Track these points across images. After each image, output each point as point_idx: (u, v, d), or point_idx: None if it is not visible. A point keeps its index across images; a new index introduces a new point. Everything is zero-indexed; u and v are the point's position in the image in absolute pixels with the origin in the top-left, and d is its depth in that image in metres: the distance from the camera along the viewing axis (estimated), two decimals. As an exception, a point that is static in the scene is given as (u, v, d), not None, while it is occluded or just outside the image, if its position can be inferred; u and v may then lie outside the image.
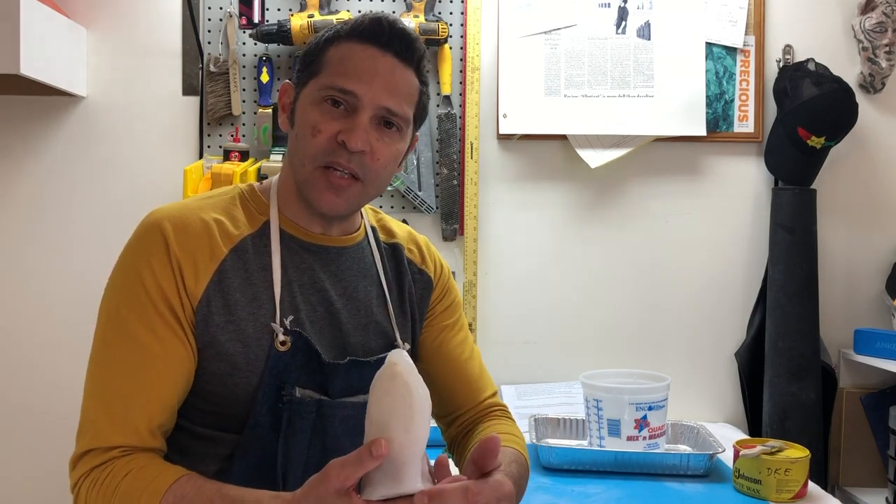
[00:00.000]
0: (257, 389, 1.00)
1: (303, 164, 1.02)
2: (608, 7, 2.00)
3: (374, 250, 1.15)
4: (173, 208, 1.02)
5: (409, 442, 0.82)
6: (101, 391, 0.96)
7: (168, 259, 0.97)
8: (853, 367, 2.04)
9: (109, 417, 0.94)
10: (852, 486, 2.01)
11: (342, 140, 0.99)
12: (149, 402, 0.95)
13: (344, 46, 1.02)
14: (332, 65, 1.02)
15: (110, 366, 0.96)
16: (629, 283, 2.06)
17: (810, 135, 1.92)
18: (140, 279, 0.97)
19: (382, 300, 1.13)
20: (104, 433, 0.94)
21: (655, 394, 1.60)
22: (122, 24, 2.00)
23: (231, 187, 1.10)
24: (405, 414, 0.83)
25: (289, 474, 1.02)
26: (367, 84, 1.00)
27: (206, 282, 0.98)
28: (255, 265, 1.03)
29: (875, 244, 2.06)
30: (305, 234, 1.08)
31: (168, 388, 0.97)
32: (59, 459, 1.94)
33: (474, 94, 2.00)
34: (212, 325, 0.98)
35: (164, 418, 0.98)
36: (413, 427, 0.83)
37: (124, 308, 0.97)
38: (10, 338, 1.99)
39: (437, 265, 1.23)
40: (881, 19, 2.00)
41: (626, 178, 2.06)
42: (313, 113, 1.01)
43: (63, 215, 2.00)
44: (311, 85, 1.03)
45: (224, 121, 2.00)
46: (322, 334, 1.05)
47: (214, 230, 1.01)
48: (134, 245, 1.00)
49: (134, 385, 0.95)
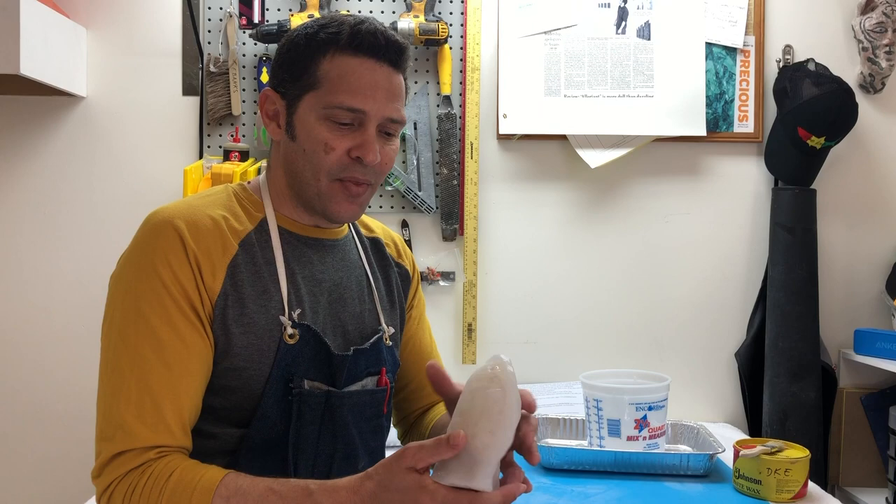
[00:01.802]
0: (266, 382, 1.01)
1: (317, 179, 1.04)
2: (608, 7, 2.00)
3: (357, 243, 1.20)
4: (179, 206, 1.03)
5: (492, 443, 0.86)
6: (126, 391, 0.94)
7: (186, 256, 0.98)
8: (853, 367, 2.04)
9: (141, 418, 0.93)
10: (852, 486, 2.02)
11: (356, 156, 1.03)
12: (178, 399, 0.95)
13: (340, 60, 1.03)
14: (331, 81, 1.03)
15: (133, 363, 0.95)
16: (629, 283, 2.06)
17: (810, 135, 1.92)
18: (159, 277, 0.96)
19: (370, 289, 1.18)
20: (137, 434, 0.93)
21: (655, 394, 1.60)
22: (122, 24, 2.00)
23: (222, 187, 1.12)
24: (495, 417, 0.86)
25: (300, 464, 1.04)
26: (372, 99, 1.03)
27: (222, 277, 1.00)
28: (261, 260, 1.05)
29: (875, 244, 2.06)
30: (301, 229, 1.11)
31: (194, 384, 0.97)
32: (58, 459, 1.95)
33: (474, 94, 2.00)
34: (228, 320, 1.00)
35: (192, 415, 0.98)
36: (499, 431, 0.86)
37: (144, 306, 0.96)
38: (10, 337, 1.99)
39: (411, 262, 1.30)
40: (881, 19, 2.00)
41: (626, 178, 2.06)
42: (321, 130, 1.03)
43: (63, 215, 2.00)
44: (311, 99, 1.04)
45: (224, 121, 2.00)
46: (325, 325, 1.08)
47: (223, 226, 1.03)
48: (149, 243, 0.99)
49: (162, 383, 0.94)
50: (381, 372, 1.13)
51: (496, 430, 0.86)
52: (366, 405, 1.10)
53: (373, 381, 1.13)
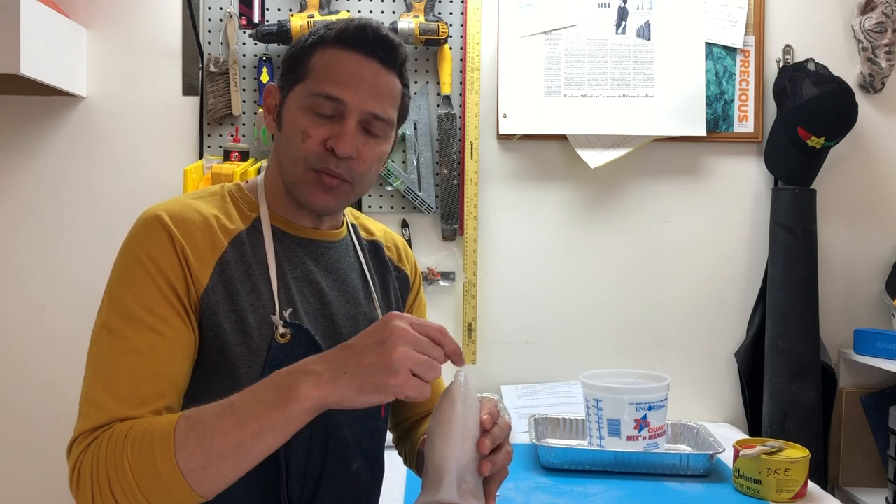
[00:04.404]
0: (258, 381, 1.00)
1: (294, 167, 1.05)
2: (608, 7, 2.00)
3: (356, 246, 1.19)
4: (170, 203, 1.04)
5: (447, 452, 0.91)
6: (103, 372, 0.93)
7: (173, 247, 0.98)
8: (853, 367, 2.04)
9: (114, 394, 0.92)
10: (852, 486, 2.02)
11: (331, 146, 1.03)
12: (156, 378, 0.94)
13: (329, 53, 1.05)
14: (317, 70, 1.04)
15: (115, 348, 0.94)
16: (629, 283, 2.06)
17: (810, 135, 1.93)
18: (142, 264, 0.97)
19: (368, 292, 1.17)
20: (108, 407, 0.91)
21: (655, 394, 1.60)
22: (122, 24, 2.00)
23: (217, 186, 1.13)
24: (445, 427, 0.92)
25: (291, 464, 1.04)
26: (353, 90, 1.03)
27: (210, 271, 1.00)
28: (252, 258, 1.05)
29: (875, 244, 2.06)
30: (295, 229, 1.11)
31: (176, 367, 0.96)
32: (56, 458, 1.95)
33: (474, 94, 2.00)
34: (219, 316, 1.00)
35: (173, 398, 0.96)
36: (450, 439, 0.91)
37: (126, 292, 0.96)
38: (10, 337, 1.99)
39: (413, 267, 1.29)
40: (881, 19, 2.00)
41: (626, 178, 2.06)
42: (301, 118, 1.04)
43: (63, 215, 2.00)
44: (298, 90, 1.06)
45: (224, 121, 2.00)
46: (316, 325, 1.08)
47: (213, 224, 1.03)
48: (136, 235, 1.00)
49: (140, 362, 0.93)
50: None
51: (448, 438, 0.91)
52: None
53: None
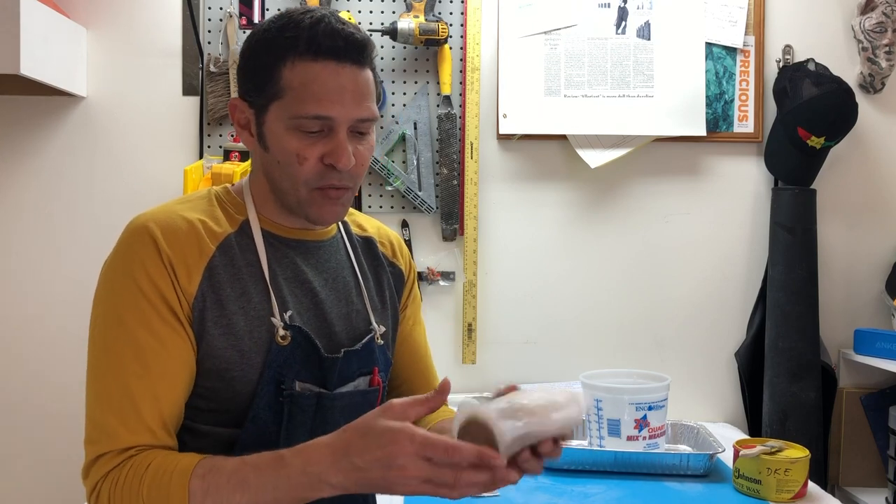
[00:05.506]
0: (257, 384, 1.01)
1: (296, 189, 1.03)
2: (608, 7, 2.00)
3: (346, 243, 1.19)
4: (156, 211, 1.04)
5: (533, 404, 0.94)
6: (107, 395, 0.96)
7: (160, 259, 0.98)
8: (853, 367, 2.04)
9: (120, 419, 0.95)
10: (852, 486, 2.02)
11: (329, 163, 1.01)
12: (157, 401, 0.96)
13: (301, 67, 1.00)
14: (293, 89, 1.00)
15: (114, 369, 0.97)
16: (629, 283, 2.06)
17: (810, 135, 1.93)
18: (135, 281, 0.97)
19: (359, 289, 1.17)
20: (117, 435, 0.95)
21: (655, 394, 1.60)
22: (122, 24, 2.00)
23: (205, 190, 1.12)
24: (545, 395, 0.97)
25: None
26: (339, 104, 1.00)
27: (198, 279, 1.00)
28: (241, 261, 1.05)
29: (875, 244, 2.06)
30: (284, 230, 1.10)
31: (175, 384, 0.98)
32: (56, 458, 1.95)
33: (474, 94, 2.00)
34: (207, 322, 1.00)
35: (174, 415, 0.99)
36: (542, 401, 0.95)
37: (123, 311, 0.97)
38: (10, 337, 1.99)
39: (407, 262, 1.28)
40: (881, 19, 2.00)
41: (626, 178, 2.06)
42: (291, 140, 1.01)
43: (63, 215, 2.00)
44: (276, 109, 1.02)
45: (224, 121, 2.00)
46: (310, 325, 1.08)
47: (200, 229, 1.03)
48: (123, 249, 1.00)
49: (141, 385, 0.96)
50: (373, 371, 1.13)
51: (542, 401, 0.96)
52: (358, 405, 1.10)
53: (365, 381, 1.13)
